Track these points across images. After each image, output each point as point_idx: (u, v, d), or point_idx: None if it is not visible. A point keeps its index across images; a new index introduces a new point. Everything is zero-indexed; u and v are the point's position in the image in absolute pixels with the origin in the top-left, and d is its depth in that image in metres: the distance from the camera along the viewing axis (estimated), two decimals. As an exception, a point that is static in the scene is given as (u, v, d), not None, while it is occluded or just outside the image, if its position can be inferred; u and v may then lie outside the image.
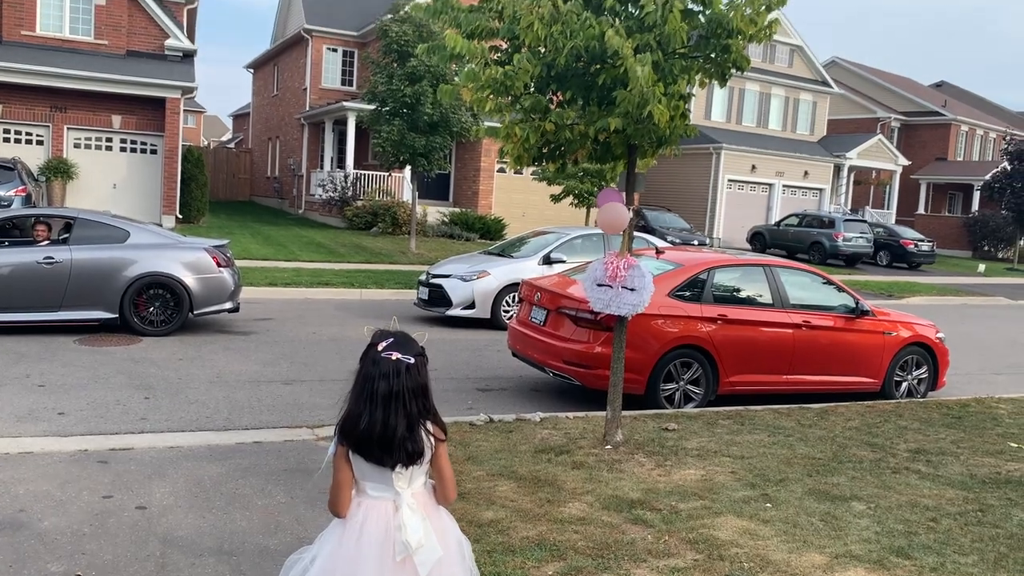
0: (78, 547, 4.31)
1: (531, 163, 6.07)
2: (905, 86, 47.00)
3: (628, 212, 5.95)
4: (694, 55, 5.75)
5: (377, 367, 2.65)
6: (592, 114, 5.50)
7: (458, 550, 2.75)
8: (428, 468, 2.74)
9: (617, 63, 5.16)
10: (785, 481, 5.79)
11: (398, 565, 2.62)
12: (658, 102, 4.99)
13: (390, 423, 2.60)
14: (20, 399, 7.40)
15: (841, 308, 9.09)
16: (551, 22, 5.24)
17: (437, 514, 2.75)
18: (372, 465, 2.66)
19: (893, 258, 30.57)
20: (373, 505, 2.68)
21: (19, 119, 23.93)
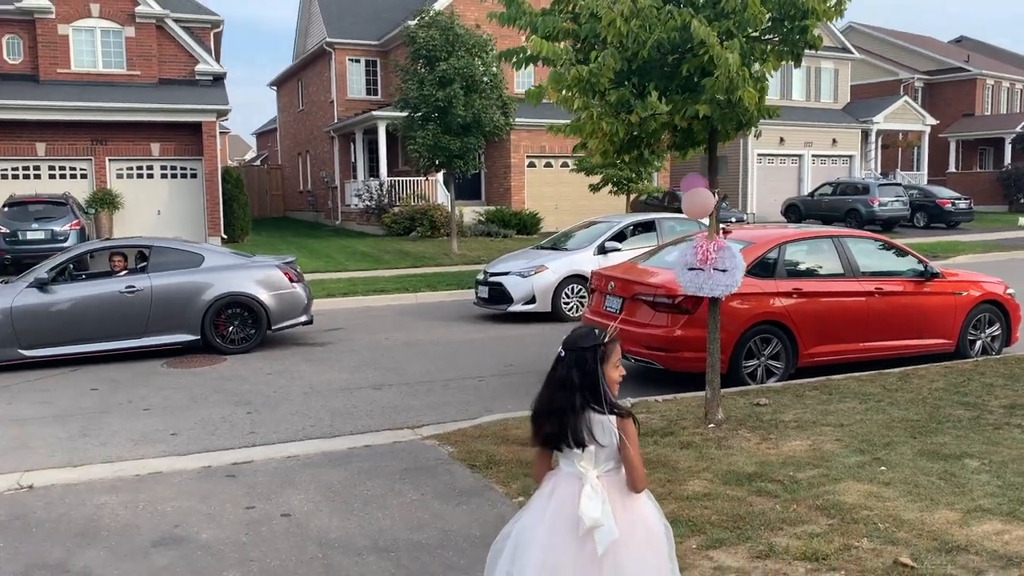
0: (244, 555, 4.57)
1: (615, 156, 6.25)
2: (925, 44, 46.51)
3: (713, 196, 6.12)
4: (767, 37, 5.90)
5: (556, 359, 2.90)
6: (676, 102, 5.67)
7: (646, 537, 2.91)
8: (617, 455, 2.92)
9: (701, 51, 5.33)
10: (892, 444, 5.93)
11: (581, 539, 2.83)
12: (747, 86, 5.16)
13: (556, 409, 2.83)
14: (131, 423, 7.72)
15: (910, 272, 9.18)
16: (630, 17, 5.41)
17: (627, 500, 2.91)
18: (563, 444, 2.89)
19: (930, 219, 30.34)
20: (562, 479, 2.92)
21: (62, 155, 24.51)
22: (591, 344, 2.93)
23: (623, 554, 2.82)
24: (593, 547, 2.79)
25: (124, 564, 4.49)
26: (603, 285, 9.03)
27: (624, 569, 2.81)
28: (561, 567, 2.82)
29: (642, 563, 2.85)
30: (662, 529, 2.97)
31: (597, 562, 2.79)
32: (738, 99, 5.27)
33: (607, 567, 2.80)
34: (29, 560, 4.58)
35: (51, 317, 10.21)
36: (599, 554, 2.79)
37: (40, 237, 19.04)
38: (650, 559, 2.88)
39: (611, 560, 2.80)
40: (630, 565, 2.82)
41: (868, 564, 4.07)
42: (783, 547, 4.30)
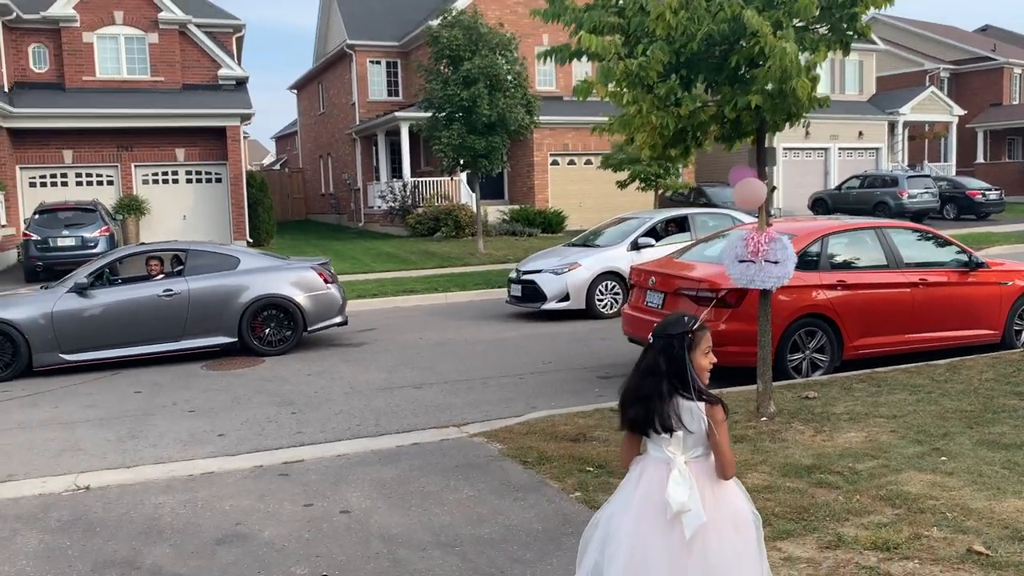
0: (309, 551, 4.59)
1: (663, 149, 6.22)
2: (950, 34, 46.00)
3: (764, 187, 6.08)
4: (815, 27, 5.86)
5: (646, 346, 2.91)
6: (725, 94, 5.64)
7: (734, 523, 2.90)
8: (705, 441, 2.91)
9: (751, 43, 5.29)
10: (949, 435, 5.87)
11: (669, 523, 2.82)
12: (802, 76, 5.12)
13: (642, 394, 2.83)
14: (177, 425, 7.77)
15: (954, 263, 9.08)
16: (679, 10, 5.38)
17: (716, 486, 2.90)
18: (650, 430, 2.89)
19: (960, 210, 30.01)
20: (650, 464, 2.92)
21: (89, 162, 24.76)
22: (679, 331, 2.92)
23: (712, 539, 2.81)
24: (681, 531, 2.79)
25: (192, 561, 4.52)
26: (644, 280, 9.00)
27: (712, 553, 2.80)
28: (650, 551, 2.82)
29: (730, 548, 2.84)
30: (751, 516, 2.95)
31: (686, 546, 2.79)
32: (791, 89, 5.24)
33: (696, 551, 2.79)
34: (97, 558, 4.62)
35: (91, 321, 10.31)
36: (687, 538, 2.78)
37: (71, 244, 19.24)
38: (738, 544, 2.87)
39: (700, 544, 2.79)
40: (718, 549, 2.81)
41: (941, 553, 4.02)
42: (852, 537, 4.26)
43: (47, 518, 5.33)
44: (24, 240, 19.21)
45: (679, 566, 2.79)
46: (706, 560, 2.79)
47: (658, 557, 2.81)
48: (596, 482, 5.46)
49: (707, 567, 2.79)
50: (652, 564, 2.81)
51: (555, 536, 4.63)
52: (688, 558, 2.79)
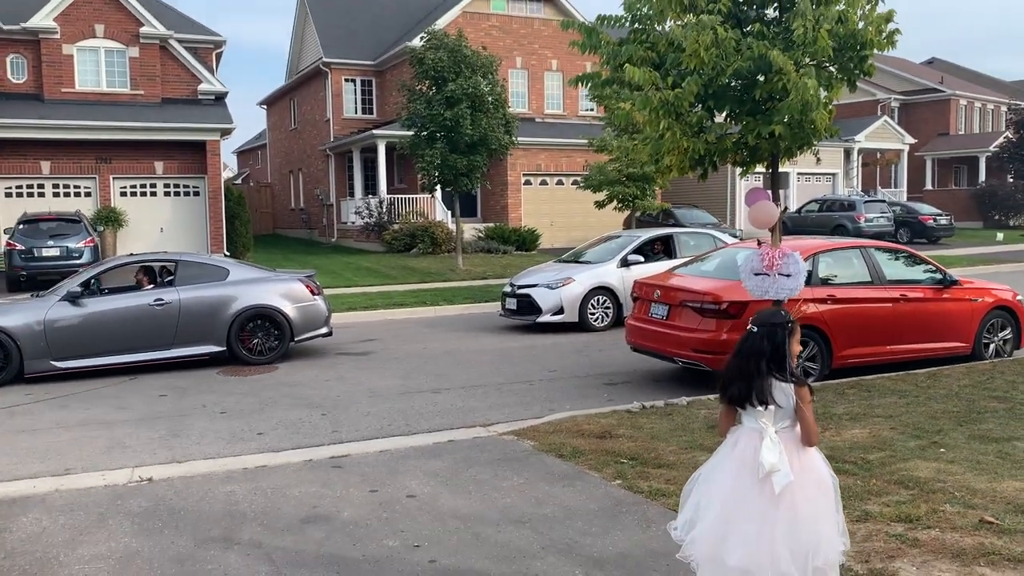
0: (392, 527, 5.07)
1: (686, 172, 6.86)
2: (900, 66, 47.95)
3: (776, 208, 6.73)
4: (827, 65, 6.57)
5: (747, 333, 3.48)
6: (749, 124, 6.30)
7: (817, 484, 3.47)
8: (793, 415, 3.49)
9: (775, 79, 5.96)
10: (943, 431, 6.56)
11: (760, 481, 3.40)
12: (821, 108, 5.80)
13: (745, 375, 3.41)
14: (214, 425, 8.15)
15: (930, 280, 9.87)
16: (711, 47, 6.04)
17: (802, 453, 3.48)
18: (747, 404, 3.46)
19: (913, 234, 31.35)
20: (745, 432, 3.49)
21: (67, 173, 24.78)
22: (781, 321, 3.50)
23: (798, 495, 3.38)
24: (771, 489, 3.35)
25: (286, 536, 4.97)
26: (648, 294, 9.62)
27: (799, 508, 3.37)
28: (743, 504, 3.38)
29: (813, 504, 3.41)
30: (830, 479, 3.53)
31: (775, 501, 3.35)
32: (810, 120, 5.91)
33: (784, 506, 3.36)
34: (195, 535, 5.04)
35: (83, 330, 10.52)
36: (776, 493, 3.35)
37: (56, 254, 19.33)
38: (820, 501, 3.44)
39: (788, 500, 3.36)
40: (803, 505, 3.38)
41: (957, 523, 4.66)
42: (877, 512, 4.89)
43: (126, 504, 5.70)
44: (8, 250, 19.23)
45: (769, 517, 3.35)
46: (794, 513, 3.36)
47: (750, 510, 3.37)
48: (633, 472, 6.01)
49: (794, 519, 3.35)
50: (744, 515, 3.37)
51: (612, 514, 5.18)
52: (777, 511, 3.35)
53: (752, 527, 3.39)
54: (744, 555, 3.37)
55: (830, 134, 6.62)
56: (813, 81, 5.64)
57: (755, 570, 3.31)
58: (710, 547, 3.45)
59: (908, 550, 4.39)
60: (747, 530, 3.39)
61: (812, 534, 3.40)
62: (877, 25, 6.21)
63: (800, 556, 3.38)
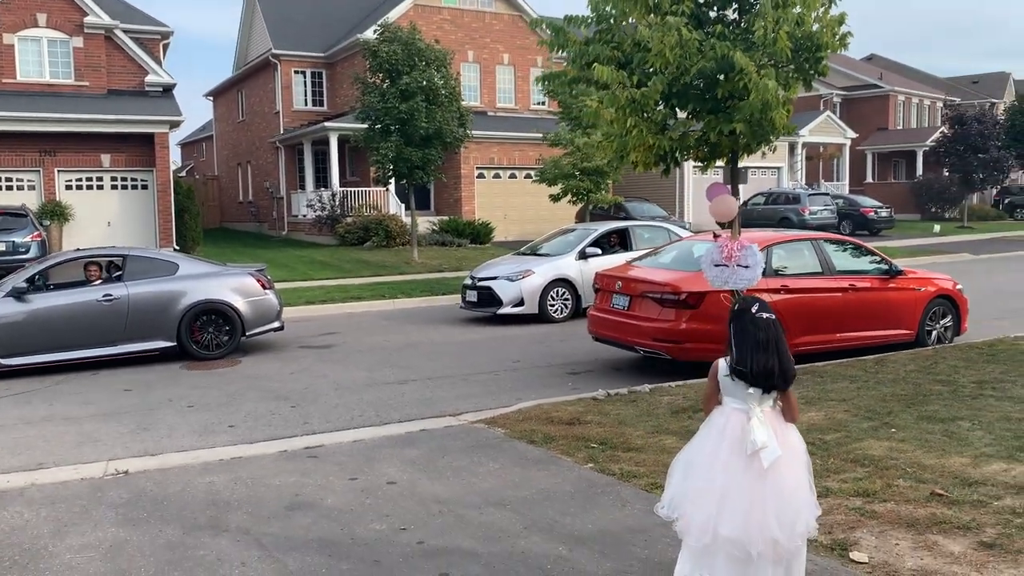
0: (377, 512, 5.23)
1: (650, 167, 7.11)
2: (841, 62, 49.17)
3: (736, 202, 7.03)
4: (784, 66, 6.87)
5: (755, 325, 3.67)
6: (711, 121, 6.58)
7: (797, 454, 3.75)
8: (775, 394, 3.74)
9: (736, 78, 6.24)
10: (893, 413, 6.94)
11: (749, 457, 3.65)
12: (780, 108, 6.10)
13: (771, 362, 3.63)
14: (183, 418, 8.19)
15: (876, 271, 10.32)
16: (675, 47, 6.29)
17: (783, 429, 3.74)
18: (737, 386, 3.68)
19: (855, 226, 32.33)
20: (732, 413, 3.72)
21: (9, 165, 24.16)
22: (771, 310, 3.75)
23: (783, 469, 3.64)
24: (759, 464, 3.60)
25: (273, 523, 5.09)
26: (610, 285, 9.89)
27: (785, 480, 3.63)
28: (731, 479, 3.62)
29: (796, 476, 3.68)
30: (804, 449, 3.80)
31: (763, 475, 3.61)
32: (769, 119, 6.21)
33: (771, 479, 3.61)
34: (182, 524, 5.13)
35: (29, 326, 10.40)
36: (765, 468, 3.60)
37: (1, 249, 18.90)
38: (801, 473, 3.71)
39: (775, 474, 3.62)
40: (786, 475, 3.64)
41: (910, 495, 5.00)
42: (836, 488, 5.21)
43: (107, 496, 5.76)
44: (-49, 244, 18.74)
45: (758, 490, 3.60)
46: (780, 485, 3.62)
47: (741, 484, 3.61)
48: (604, 455, 6.26)
49: (780, 490, 3.61)
50: (736, 489, 3.62)
51: (588, 496, 5.41)
52: (765, 484, 3.61)
53: (744, 500, 3.63)
54: (737, 526, 3.61)
55: (788, 131, 6.93)
56: (773, 82, 5.94)
57: (746, 539, 3.56)
58: (703, 520, 3.68)
59: (867, 521, 4.70)
60: (740, 503, 3.63)
61: (795, 502, 3.68)
62: (831, 28, 6.53)
63: (786, 524, 3.64)
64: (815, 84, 36.06)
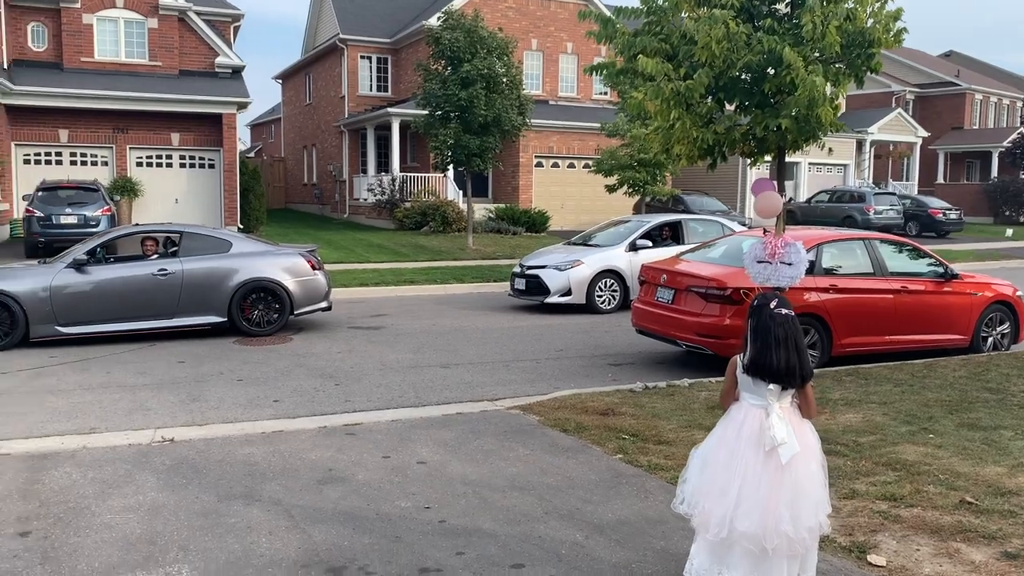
0: (404, 490, 5.36)
1: (695, 161, 7.08)
2: (917, 58, 47.82)
3: (781, 198, 6.96)
4: (834, 61, 6.77)
5: (773, 320, 3.67)
6: (757, 116, 6.52)
7: (812, 451, 3.75)
8: (793, 391, 3.74)
9: (783, 73, 6.17)
10: (933, 419, 6.82)
11: (767, 453, 3.66)
12: (827, 104, 6.01)
13: (790, 358, 3.63)
14: (232, 391, 8.46)
15: (931, 273, 10.08)
16: (722, 41, 6.25)
17: (800, 426, 3.75)
18: (756, 383, 3.69)
19: (922, 228, 31.47)
20: (751, 410, 3.73)
21: (84, 142, 25.05)
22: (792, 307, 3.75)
23: (799, 465, 3.65)
24: (776, 459, 3.61)
25: (305, 495, 5.27)
26: (655, 278, 9.87)
27: (800, 476, 3.64)
28: (753, 476, 3.64)
29: (808, 469, 3.68)
30: (819, 446, 3.80)
31: (780, 470, 3.62)
32: (815, 115, 6.13)
33: (787, 475, 3.63)
34: (218, 492, 5.34)
35: (87, 296, 10.79)
36: (783, 464, 3.61)
37: (73, 222, 19.62)
38: (814, 468, 3.71)
39: (791, 469, 3.63)
40: (803, 471, 3.65)
41: (938, 502, 4.93)
42: (863, 491, 5.15)
43: (151, 462, 6.01)
44: (27, 216, 19.52)
45: (775, 485, 3.62)
46: (796, 480, 3.63)
47: (757, 478, 3.63)
48: (634, 447, 6.29)
49: (796, 486, 3.63)
50: (753, 485, 3.63)
51: (612, 484, 5.46)
52: (782, 479, 3.62)
53: (761, 496, 3.65)
54: (753, 522, 3.64)
55: (835, 129, 6.83)
56: (821, 78, 5.85)
57: (762, 533, 3.58)
58: (721, 515, 3.71)
59: (890, 525, 4.66)
60: (757, 498, 3.65)
61: (808, 498, 3.69)
62: (885, 23, 6.40)
63: (800, 517, 3.66)
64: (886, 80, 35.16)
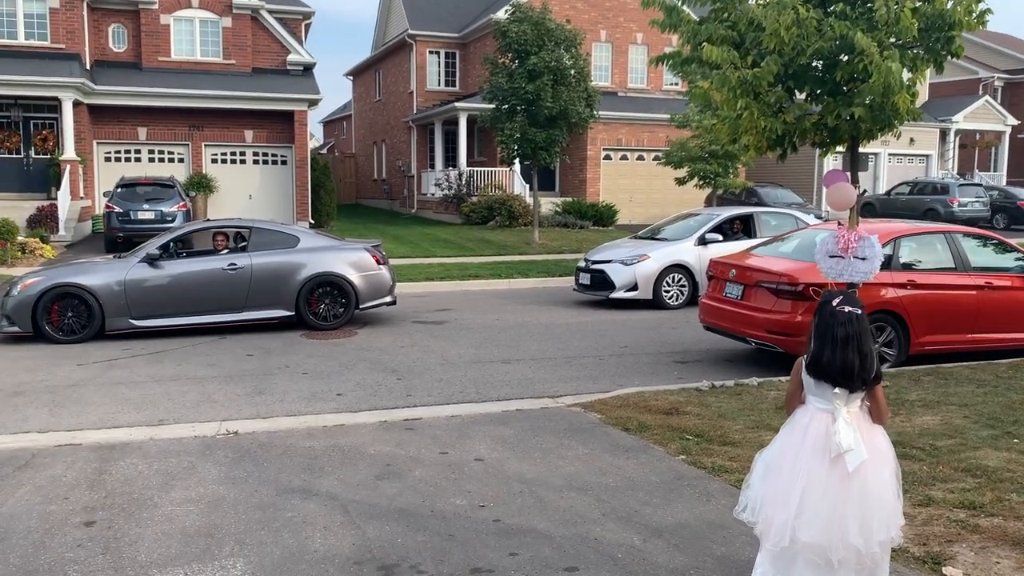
0: (459, 487, 5.30)
1: (765, 152, 6.84)
2: (1006, 43, 45.73)
3: (855, 190, 6.67)
4: (912, 46, 6.44)
5: (835, 318, 3.46)
6: (829, 105, 6.25)
7: (882, 459, 3.53)
8: (863, 394, 3.54)
9: (856, 60, 5.90)
10: (1019, 422, 6.45)
11: (832, 460, 3.46)
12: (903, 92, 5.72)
13: (849, 359, 3.42)
14: (296, 384, 8.55)
15: (1018, 268, 9.57)
16: (791, 27, 6.00)
17: (871, 431, 3.53)
18: (820, 386, 3.50)
19: (1011, 220, 30.10)
20: (816, 414, 3.53)
21: (162, 139, 25.80)
22: (862, 304, 3.53)
23: (868, 473, 3.44)
24: (843, 467, 3.42)
25: (361, 491, 5.25)
26: (723, 273, 9.61)
27: (869, 485, 3.43)
28: (818, 484, 3.45)
29: (881, 481, 3.47)
30: (892, 453, 3.58)
31: (848, 479, 3.42)
32: (892, 103, 5.84)
33: (855, 481, 3.43)
34: (276, 485, 5.37)
35: (160, 290, 11.06)
36: (849, 472, 3.42)
37: (150, 217, 20.19)
38: (885, 476, 3.49)
39: (859, 478, 3.43)
40: (872, 479, 3.44)
41: (1021, 512, 4.64)
42: (940, 498, 4.89)
43: (214, 455, 6.09)
44: (107, 212, 20.19)
45: (841, 495, 3.42)
46: (864, 490, 3.43)
47: (824, 488, 3.44)
48: (698, 448, 6.11)
49: (864, 495, 3.42)
50: (818, 493, 3.44)
51: (674, 487, 5.30)
52: (849, 488, 3.43)
53: (826, 505, 3.46)
54: (818, 532, 3.45)
55: (913, 117, 6.50)
56: (897, 64, 5.57)
57: (827, 545, 3.40)
58: (782, 523, 3.53)
59: (968, 535, 4.40)
60: (821, 508, 3.46)
61: (879, 509, 3.48)
62: (967, 4, 6.06)
63: (867, 530, 3.45)
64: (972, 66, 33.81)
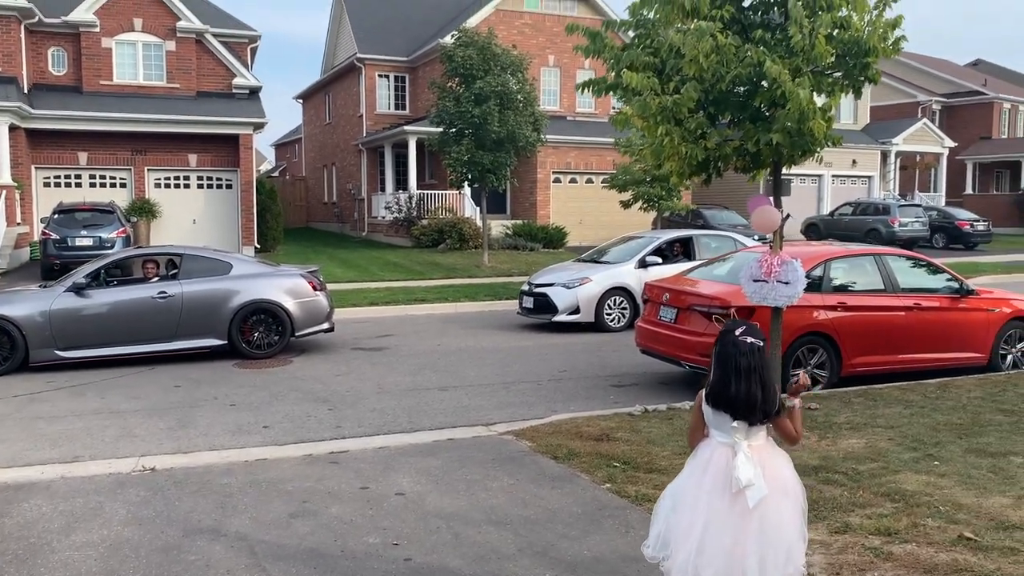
0: (376, 525, 5.16)
1: (689, 177, 6.85)
2: (942, 68, 47.12)
3: (779, 213, 6.71)
4: (829, 72, 6.51)
5: (737, 348, 3.40)
6: (748, 130, 6.28)
7: (783, 491, 3.46)
8: (765, 427, 3.48)
9: (773, 87, 5.94)
10: (941, 444, 6.50)
11: (733, 495, 3.40)
12: (817, 118, 5.77)
13: (752, 391, 3.36)
14: (222, 417, 8.32)
15: (946, 289, 9.73)
16: (711, 54, 6.03)
17: (776, 464, 3.48)
18: (719, 416, 3.44)
19: (949, 240, 30.83)
20: (718, 447, 3.47)
21: (103, 164, 25.30)
22: (763, 336, 3.48)
23: (768, 506, 3.38)
24: (743, 502, 3.36)
25: (272, 531, 5.08)
26: (658, 296, 9.61)
27: (768, 517, 3.37)
28: (715, 516, 3.39)
29: (781, 513, 3.41)
30: (797, 486, 3.51)
31: (748, 515, 3.36)
32: (808, 129, 5.88)
33: (755, 517, 3.37)
34: (185, 526, 5.18)
35: (87, 320, 10.72)
36: (751, 507, 3.36)
37: (88, 244, 19.68)
38: (786, 511, 3.43)
39: (759, 512, 3.37)
40: (772, 514, 3.38)
41: (935, 538, 4.63)
42: (857, 524, 4.87)
43: (125, 493, 5.87)
44: (43, 239, 19.65)
45: (741, 530, 3.36)
46: (763, 523, 3.37)
47: (724, 523, 3.37)
48: (624, 476, 6.04)
49: (763, 527, 3.36)
50: (718, 529, 3.38)
51: (595, 518, 5.22)
52: (749, 523, 3.37)
53: (726, 541, 3.39)
54: (717, 569, 3.38)
55: (833, 143, 6.57)
56: (806, 92, 5.61)
57: None
58: (683, 560, 3.46)
59: (881, 564, 4.37)
60: (721, 544, 3.39)
61: (780, 542, 3.42)
62: (883, 32, 6.15)
63: (769, 564, 3.39)
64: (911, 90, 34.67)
